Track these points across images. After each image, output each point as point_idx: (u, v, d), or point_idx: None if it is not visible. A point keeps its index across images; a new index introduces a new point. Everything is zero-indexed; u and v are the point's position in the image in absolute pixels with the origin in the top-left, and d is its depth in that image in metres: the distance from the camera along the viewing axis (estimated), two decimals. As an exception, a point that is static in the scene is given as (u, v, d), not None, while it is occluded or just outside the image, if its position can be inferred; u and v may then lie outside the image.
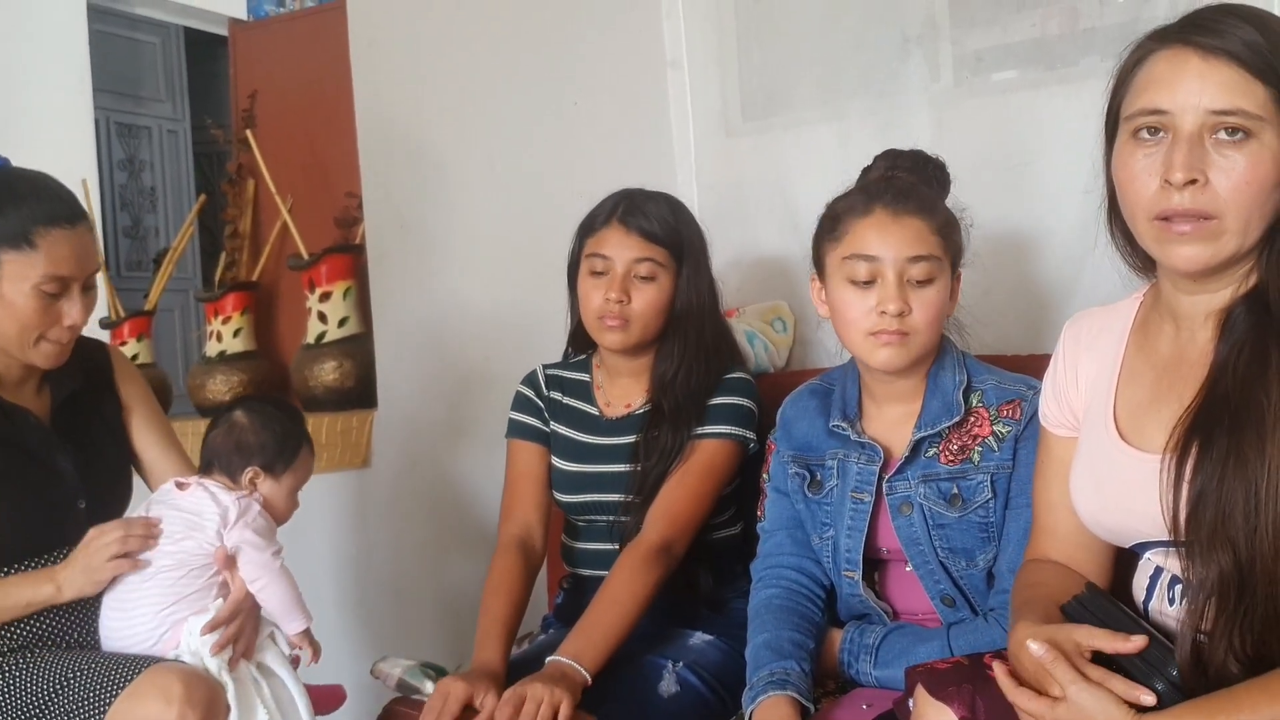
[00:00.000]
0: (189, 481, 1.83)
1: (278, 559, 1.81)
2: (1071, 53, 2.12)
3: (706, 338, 1.95)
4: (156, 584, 1.74)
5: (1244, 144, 1.20)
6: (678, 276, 1.94)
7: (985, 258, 1.83)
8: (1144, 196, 1.24)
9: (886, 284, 1.58)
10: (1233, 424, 1.18)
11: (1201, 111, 1.20)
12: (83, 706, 1.62)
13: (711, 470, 1.89)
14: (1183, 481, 1.21)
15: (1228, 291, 1.28)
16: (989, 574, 1.64)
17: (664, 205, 1.96)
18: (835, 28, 2.35)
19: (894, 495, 1.66)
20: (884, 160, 1.74)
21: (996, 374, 1.69)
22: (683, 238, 1.94)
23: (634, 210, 1.93)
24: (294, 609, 1.81)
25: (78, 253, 1.77)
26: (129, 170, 4.87)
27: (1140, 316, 1.41)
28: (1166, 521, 1.23)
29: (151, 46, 4.87)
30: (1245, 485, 1.16)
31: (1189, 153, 1.20)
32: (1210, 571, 1.18)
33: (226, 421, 1.88)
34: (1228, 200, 1.20)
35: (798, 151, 2.38)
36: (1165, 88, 1.23)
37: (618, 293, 1.89)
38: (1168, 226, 1.23)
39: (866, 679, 1.65)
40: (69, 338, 1.80)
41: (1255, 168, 1.19)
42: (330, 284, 2.86)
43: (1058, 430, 1.48)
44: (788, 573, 1.75)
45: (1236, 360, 1.22)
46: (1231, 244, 1.23)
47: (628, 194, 1.97)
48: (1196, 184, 1.20)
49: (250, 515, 1.80)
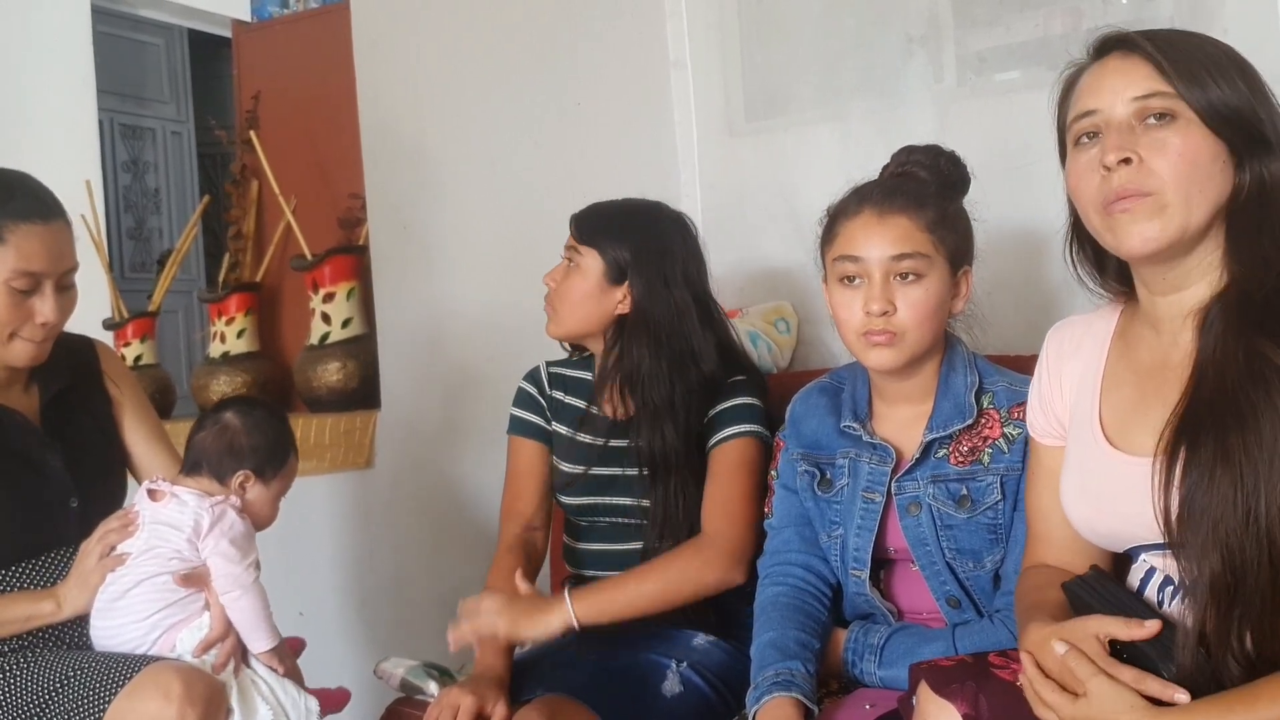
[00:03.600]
0: (161, 489, 1.79)
1: (251, 572, 1.77)
2: (1075, 53, 2.12)
3: (675, 346, 1.90)
4: (140, 593, 1.73)
5: (1170, 124, 1.26)
6: (606, 273, 1.92)
7: (989, 258, 1.83)
8: (1090, 191, 1.30)
9: (872, 284, 1.59)
10: (1218, 425, 1.19)
11: (1126, 101, 1.28)
12: (82, 705, 1.61)
13: (743, 465, 1.87)
14: (1173, 484, 1.22)
15: (1201, 288, 1.30)
16: (995, 576, 1.64)
17: (619, 206, 1.98)
18: (838, 28, 2.34)
19: (903, 495, 1.65)
20: (900, 157, 1.73)
21: (1008, 376, 1.68)
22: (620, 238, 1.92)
23: (588, 207, 1.98)
24: (260, 626, 1.76)
25: (50, 249, 1.75)
26: (133, 172, 4.88)
27: (1120, 324, 1.43)
28: (1159, 524, 1.23)
29: (155, 48, 4.88)
30: (1233, 485, 1.17)
31: (1120, 136, 1.27)
32: (1203, 572, 1.18)
33: (217, 423, 1.84)
34: (1164, 174, 1.25)
35: (801, 152, 2.38)
36: (1092, 91, 1.32)
37: (549, 276, 1.97)
38: (1112, 209, 1.28)
39: (870, 679, 1.65)
40: (43, 336, 1.77)
41: (1185, 141, 1.25)
42: (333, 285, 2.86)
43: (1045, 439, 1.49)
44: (795, 570, 1.75)
45: (1217, 360, 1.23)
46: (1177, 218, 1.26)
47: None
48: (1131, 164, 1.26)
49: (226, 523, 1.76)
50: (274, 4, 3.37)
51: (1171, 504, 1.21)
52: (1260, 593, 1.16)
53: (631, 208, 1.99)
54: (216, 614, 1.74)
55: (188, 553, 1.74)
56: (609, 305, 1.92)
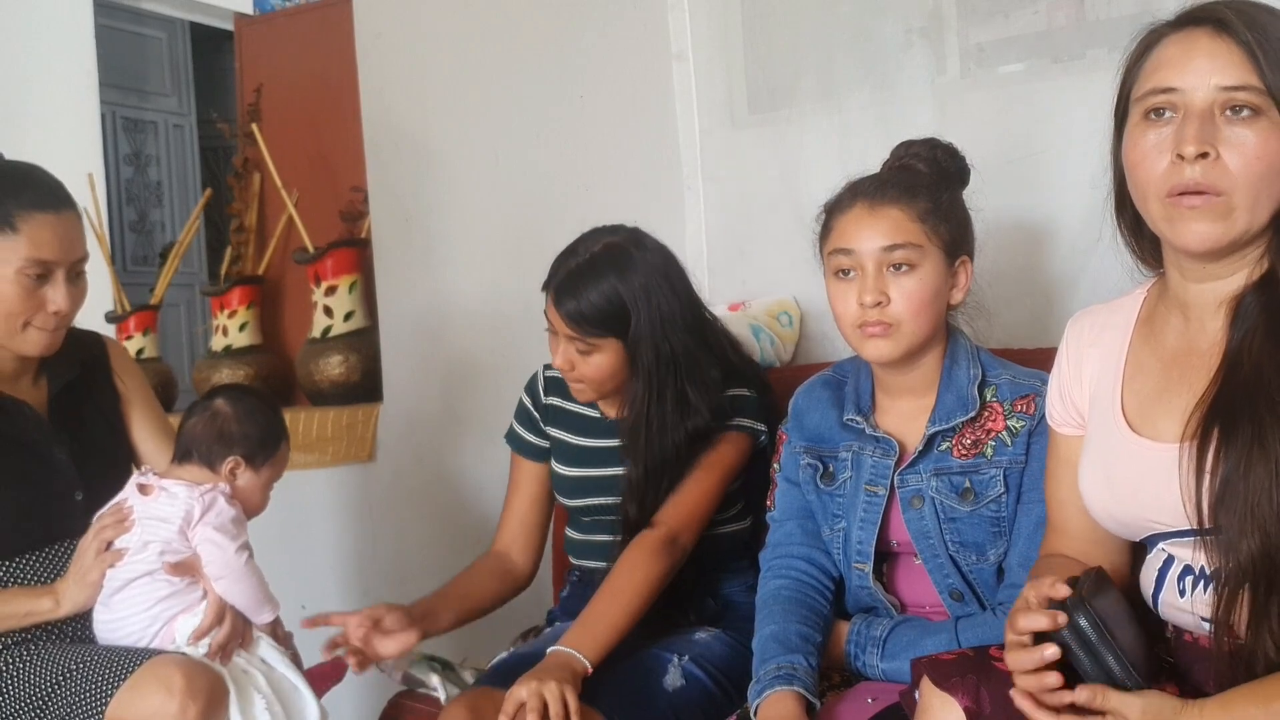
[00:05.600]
0: (150, 483, 1.80)
1: (242, 554, 1.78)
2: (1078, 45, 2.11)
3: (678, 387, 1.85)
4: (139, 588, 1.74)
5: (1253, 121, 1.21)
6: (625, 347, 1.84)
7: (990, 251, 1.83)
8: (1155, 174, 1.25)
9: (865, 276, 1.59)
10: (1253, 410, 1.18)
11: (1212, 88, 1.22)
12: (85, 698, 1.63)
13: (719, 461, 1.88)
14: (1204, 470, 1.21)
15: (1239, 278, 1.28)
16: (998, 569, 1.63)
17: (604, 280, 1.81)
18: (839, 19, 2.34)
19: (905, 489, 1.65)
20: (899, 151, 1.73)
21: (1011, 369, 1.68)
22: (622, 314, 1.81)
23: (566, 289, 1.82)
24: (258, 604, 1.79)
25: (61, 238, 1.77)
26: (135, 165, 4.89)
27: (1145, 311, 1.41)
28: (1189, 510, 1.22)
29: (158, 41, 4.90)
30: (1270, 471, 1.16)
31: (1201, 127, 1.21)
32: (1240, 558, 1.17)
33: (207, 410, 1.85)
34: (1238, 175, 1.21)
35: (803, 144, 2.37)
36: (1175, 67, 1.25)
37: (562, 360, 1.86)
38: (1179, 202, 1.24)
39: (873, 671, 1.65)
40: (55, 324, 1.80)
41: (1265, 143, 1.21)
42: (335, 278, 2.87)
43: (1064, 429, 1.48)
44: (797, 563, 1.74)
45: (1252, 345, 1.22)
46: (1241, 221, 1.23)
47: (566, 260, 1.84)
48: (1208, 158, 1.21)
49: (215, 510, 1.77)
50: (276, -3, 3.37)
51: (1204, 489, 1.20)
52: None
53: (613, 262, 1.82)
54: (211, 600, 1.75)
55: (179, 544, 1.75)
56: (627, 368, 1.87)
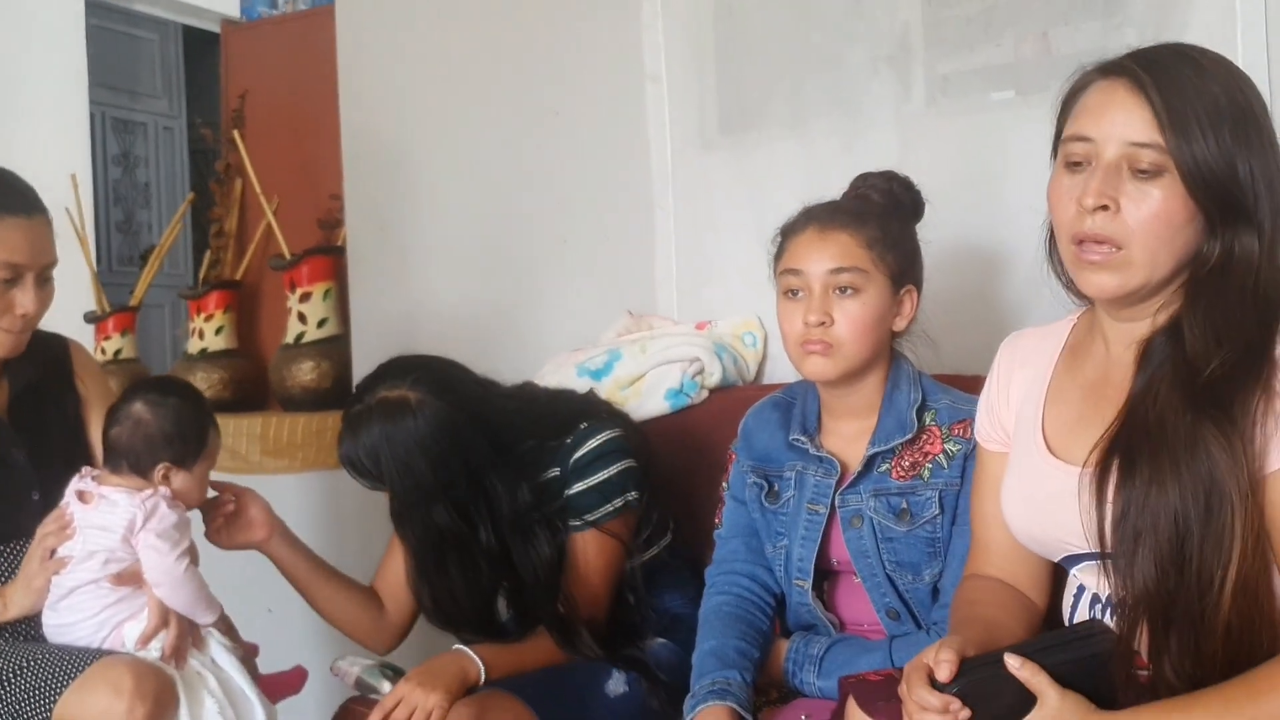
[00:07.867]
0: (89, 490, 1.78)
1: (182, 561, 1.76)
2: (1042, 77, 2.14)
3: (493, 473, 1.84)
4: (85, 594, 1.75)
5: (1154, 179, 1.24)
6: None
7: (948, 277, 1.86)
8: (1065, 218, 1.30)
9: (811, 296, 1.65)
10: (1152, 448, 1.22)
11: (1122, 142, 1.26)
12: (32, 698, 1.63)
13: (605, 566, 1.87)
14: (1105, 497, 1.25)
15: (1148, 322, 1.32)
16: (934, 589, 1.67)
17: (375, 431, 1.76)
18: (811, 46, 2.37)
19: (846, 508, 1.69)
20: (856, 182, 1.78)
21: (951, 394, 1.72)
22: (387, 466, 1.78)
23: (347, 432, 1.80)
24: (199, 607, 1.79)
25: (32, 243, 1.80)
26: (124, 165, 4.91)
27: (1073, 339, 1.46)
28: (1088, 534, 1.26)
29: (150, 43, 4.91)
30: (1167, 506, 1.20)
31: (1104, 180, 1.25)
32: (1137, 590, 1.21)
33: (127, 416, 1.79)
34: (1134, 230, 1.25)
35: (770, 167, 2.41)
36: (1093, 116, 1.29)
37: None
38: (1080, 250, 1.28)
39: (810, 689, 1.68)
40: (21, 327, 1.82)
41: (1164, 201, 1.24)
42: (311, 285, 2.88)
43: (989, 445, 1.52)
44: (740, 580, 1.78)
45: (1158, 394, 1.25)
46: (1139, 275, 1.27)
47: (355, 401, 1.82)
48: (1108, 211, 1.25)
49: (157, 516, 1.75)
50: (263, 4, 3.39)
51: (1105, 515, 1.24)
52: (1190, 615, 1.19)
53: (387, 417, 1.77)
54: (153, 606, 1.75)
55: (122, 552, 1.75)
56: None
